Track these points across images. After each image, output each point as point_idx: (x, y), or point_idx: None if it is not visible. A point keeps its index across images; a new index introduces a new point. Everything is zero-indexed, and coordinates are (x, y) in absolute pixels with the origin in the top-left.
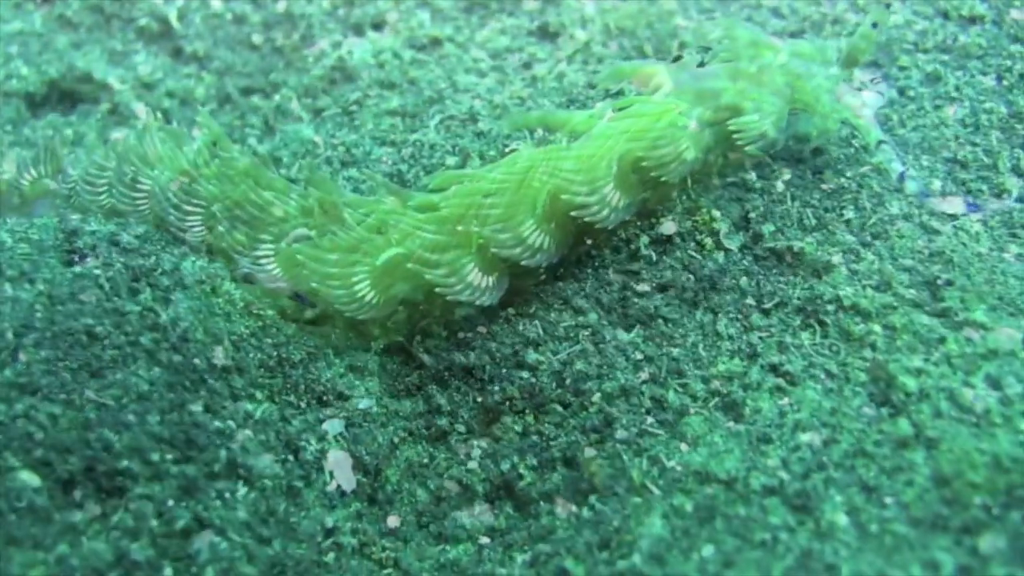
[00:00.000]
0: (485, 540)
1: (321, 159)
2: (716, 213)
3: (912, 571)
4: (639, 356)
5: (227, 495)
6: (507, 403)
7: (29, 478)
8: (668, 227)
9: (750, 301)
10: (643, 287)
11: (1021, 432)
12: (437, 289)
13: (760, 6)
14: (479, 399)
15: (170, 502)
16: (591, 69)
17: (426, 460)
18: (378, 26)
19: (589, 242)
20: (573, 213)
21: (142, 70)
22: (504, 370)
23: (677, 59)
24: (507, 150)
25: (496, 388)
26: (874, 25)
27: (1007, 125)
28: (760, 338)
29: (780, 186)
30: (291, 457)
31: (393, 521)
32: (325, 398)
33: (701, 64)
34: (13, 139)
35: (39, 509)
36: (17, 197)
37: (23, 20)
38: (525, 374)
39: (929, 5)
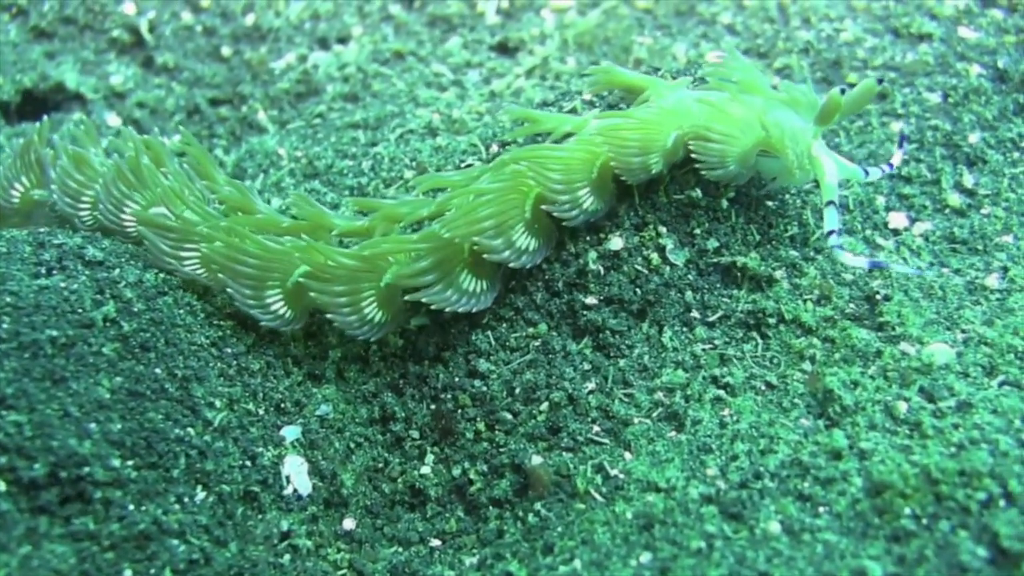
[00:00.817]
0: (436, 543)
1: (284, 171)
2: (662, 229)
3: None
4: (587, 366)
5: (186, 499)
6: (459, 411)
7: None
8: (616, 243)
9: (694, 314)
10: (591, 300)
11: (952, 444)
12: (433, 307)
13: (715, 23)
14: (432, 407)
15: (131, 506)
16: (548, 84)
17: (381, 465)
18: (343, 40)
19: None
20: (543, 207)
21: (114, 80)
22: (457, 379)
23: (676, 76)
24: (463, 165)
25: (449, 396)
26: (842, 91)
27: (951, 142)
28: (703, 350)
29: (725, 203)
30: (249, 463)
31: (349, 524)
32: (283, 406)
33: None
34: None
35: (3, 513)
36: (14, 214)
37: None
38: (477, 383)
39: (880, 23)
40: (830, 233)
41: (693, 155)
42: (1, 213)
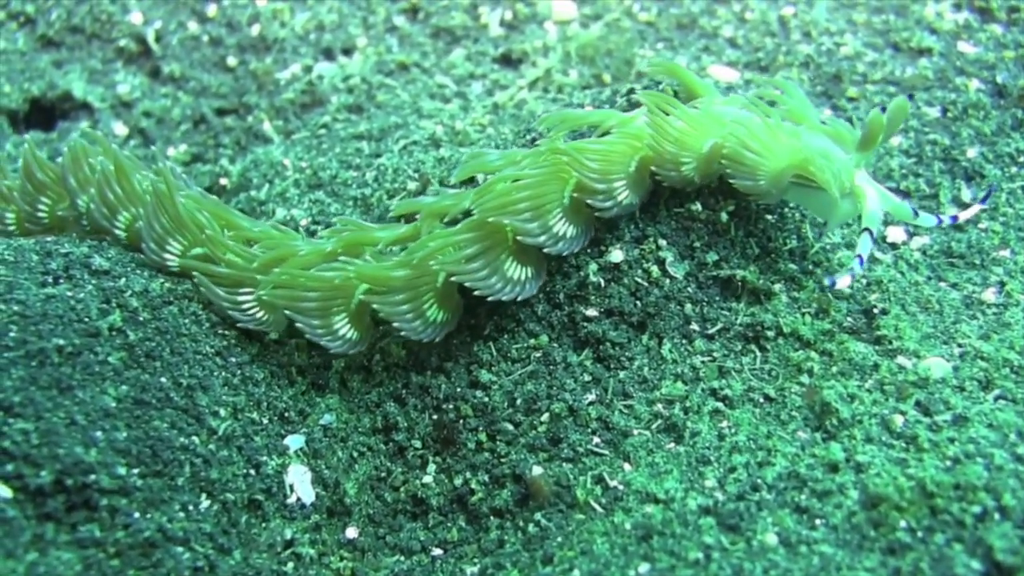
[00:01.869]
0: (438, 552)
1: (289, 181)
2: (662, 242)
3: None
4: (587, 378)
5: (191, 507)
6: (461, 421)
7: (2, 490)
8: (616, 255)
9: (694, 327)
10: (592, 312)
11: (948, 458)
12: (476, 293)
13: (717, 36)
14: (435, 417)
15: (136, 514)
16: (551, 97)
17: (384, 474)
18: (348, 51)
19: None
20: (576, 194)
21: (121, 89)
22: (459, 389)
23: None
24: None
25: (451, 406)
26: (882, 109)
27: (949, 156)
28: (703, 362)
29: (724, 217)
30: (253, 471)
31: (352, 532)
32: (287, 415)
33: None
34: None
35: (10, 520)
36: (45, 232)
37: (6, 39)
38: (479, 393)
39: (880, 37)
40: (857, 256)
41: (725, 163)
42: (32, 232)
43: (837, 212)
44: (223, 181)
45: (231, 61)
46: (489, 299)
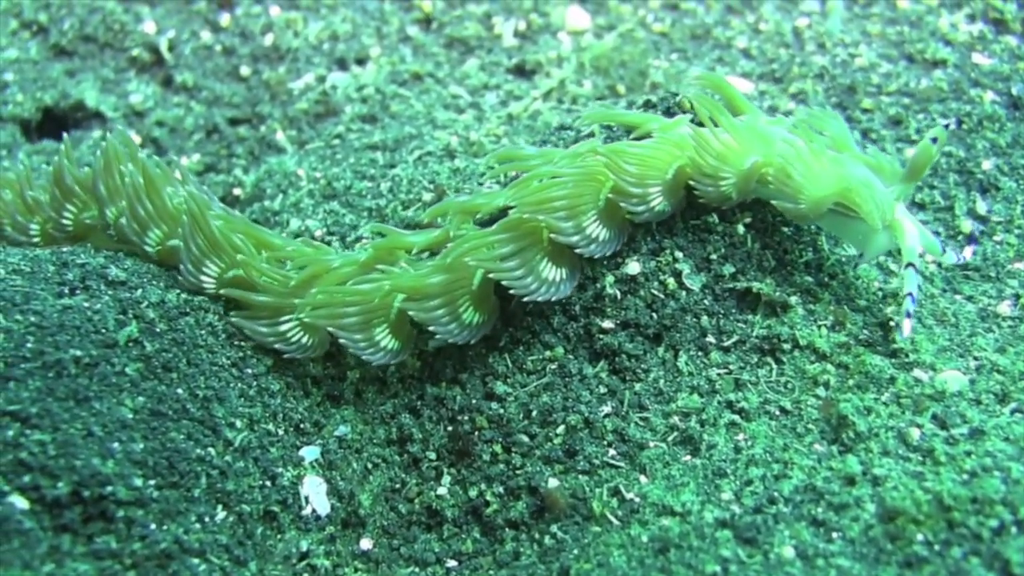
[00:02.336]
0: (453, 563)
1: (303, 191)
2: (679, 254)
3: None
4: (603, 390)
5: (207, 519)
6: (476, 432)
7: (19, 501)
8: (633, 267)
9: (710, 339)
10: (608, 324)
11: (965, 471)
12: (512, 292)
13: (731, 47)
14: (450, 428)
15: (152, 525)
16: (565, 108)
17: (398, 485)
18: (362, 61)
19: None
20: (611, 195)
21: (134, 99)
22: (474, 401)
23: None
24: (485, 187)
25: (466, 418)
26: (933, 140)
27: (964, 168)
28: (719, 375)
29: (741, 229)
30: (268, 483)
31: (366, 544)
32: (302, 426)
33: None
34: (8, 163)
35: (27, 531)
36: (70, 241)
37: (19, 48)
38: (494, 405)
39: (895, 48)
40: (908, 295)
41: (769, 182)
42: (56, 240)
43: (874, 244)
44: (236, 191)
45: (244, 71)
46: (525, 299)
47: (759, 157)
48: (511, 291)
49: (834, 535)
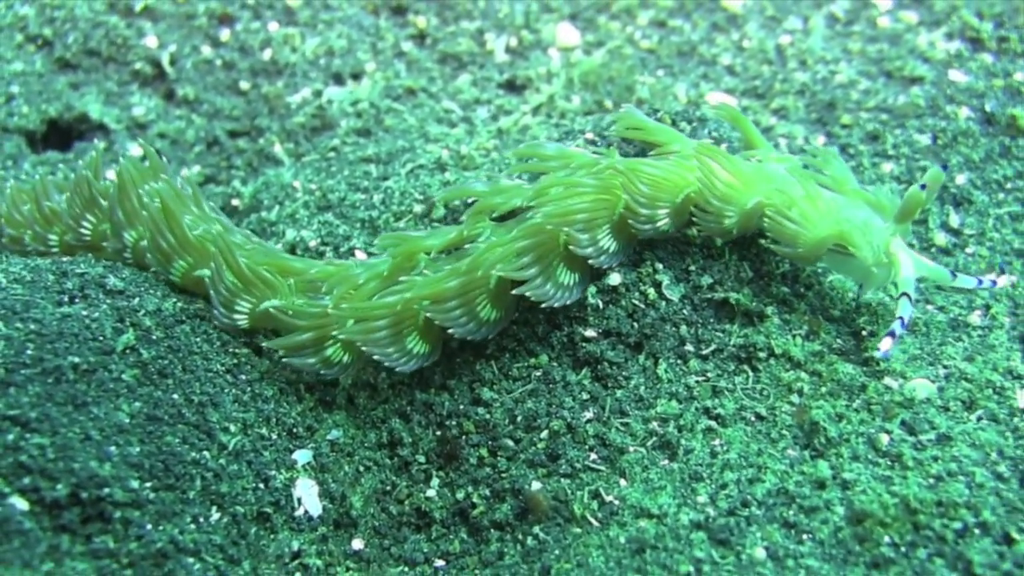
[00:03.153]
0: (440, 563)
1: (299, 203)
2: (659, 265)
3: None
4: (585, 396)
5: (201, 520)
6: (464, 437)
7: (19, 503)
8: (614, 278)
9: (689, 347)
10: (590, 332)
11: (931, 476)
12: (532, 299)
13: (715, 63)
14: (438, 433)
15: (148, 526)
16: (553, 122)
17: (389, 488)
18: (357, 76)
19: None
20: (620, 209)
21: (136, 111)
22: (461, 406)
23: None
24: (470, 202)
25: (454, 423)
26: (922, 187)
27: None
28: (697, 382)
29: (719, 241)
30: (262, 485)
31: (357, 544)
32: (295, 430)
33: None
34: (14, 174)
35: (27, 531)
36: (87, 249)
37: (24, 61)
38: (481, 410)
39: (874, 65)
40: (899, 318)
41: (767, 227)
42: (73, 249)
43: (872, 279)
44: (235, 202)
45: (244, 85)
46: (543, 305)
47: (761, 198)
48: (531, 298)
49: (804, 537)
